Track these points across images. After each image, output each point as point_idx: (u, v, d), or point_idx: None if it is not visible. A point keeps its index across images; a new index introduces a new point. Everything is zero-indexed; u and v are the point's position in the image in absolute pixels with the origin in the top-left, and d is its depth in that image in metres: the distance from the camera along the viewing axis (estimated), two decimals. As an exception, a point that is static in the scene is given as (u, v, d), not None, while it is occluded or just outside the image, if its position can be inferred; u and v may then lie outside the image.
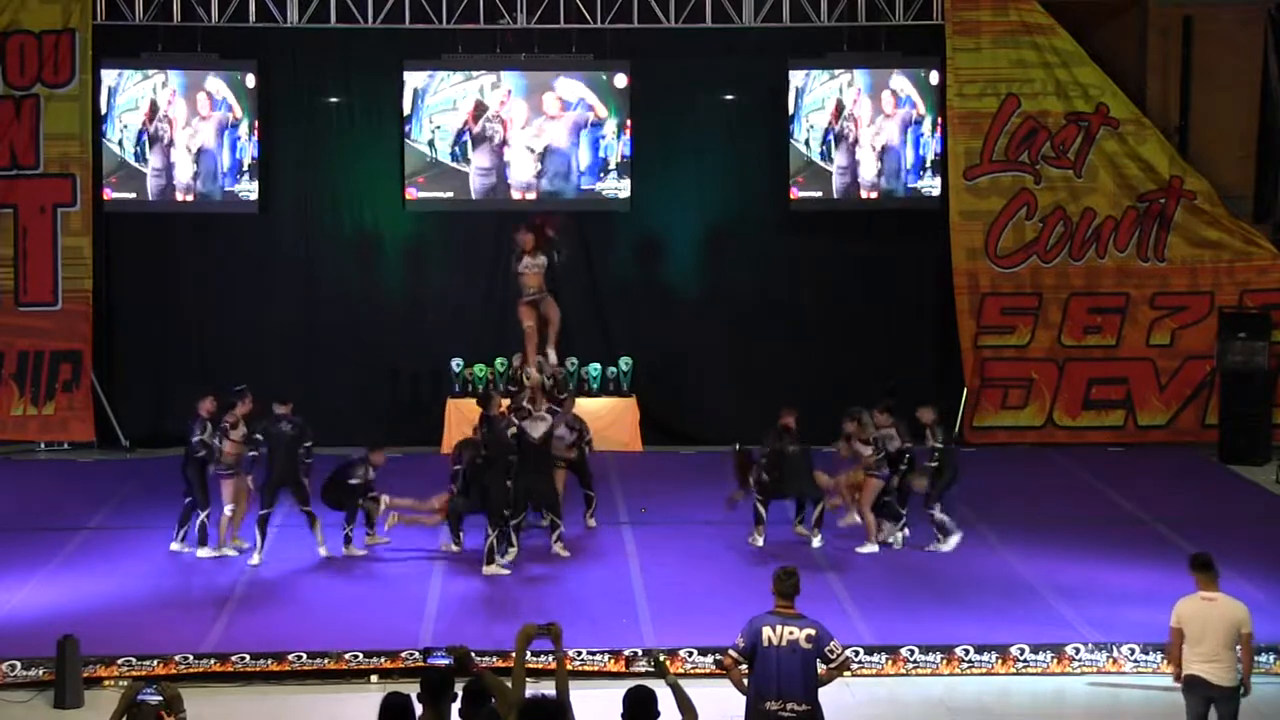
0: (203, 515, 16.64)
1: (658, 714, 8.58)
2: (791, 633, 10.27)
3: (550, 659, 9.66)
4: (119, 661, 13.63)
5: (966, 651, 14.03)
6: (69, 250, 21.53)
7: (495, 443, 16.33)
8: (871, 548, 16.94)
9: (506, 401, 17.40)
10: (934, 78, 21.94)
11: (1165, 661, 13.55)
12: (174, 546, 16.79)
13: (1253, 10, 22.26)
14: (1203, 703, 11.37)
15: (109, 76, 21.35)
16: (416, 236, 22.36)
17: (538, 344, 19.16)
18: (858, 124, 21.90)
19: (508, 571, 16.18)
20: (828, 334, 22.29)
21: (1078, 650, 14.04)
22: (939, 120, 21.97)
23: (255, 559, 16.43)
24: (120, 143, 21.42)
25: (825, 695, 10.46)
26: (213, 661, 13.80)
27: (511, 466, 16.30)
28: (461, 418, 20.27)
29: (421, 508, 17.08)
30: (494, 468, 16.25)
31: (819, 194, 21.98)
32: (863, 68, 21.94)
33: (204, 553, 16.60)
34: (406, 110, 21.53)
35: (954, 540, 16.90)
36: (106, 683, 13.47)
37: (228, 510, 16.74)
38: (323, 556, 16.58)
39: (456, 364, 21.35)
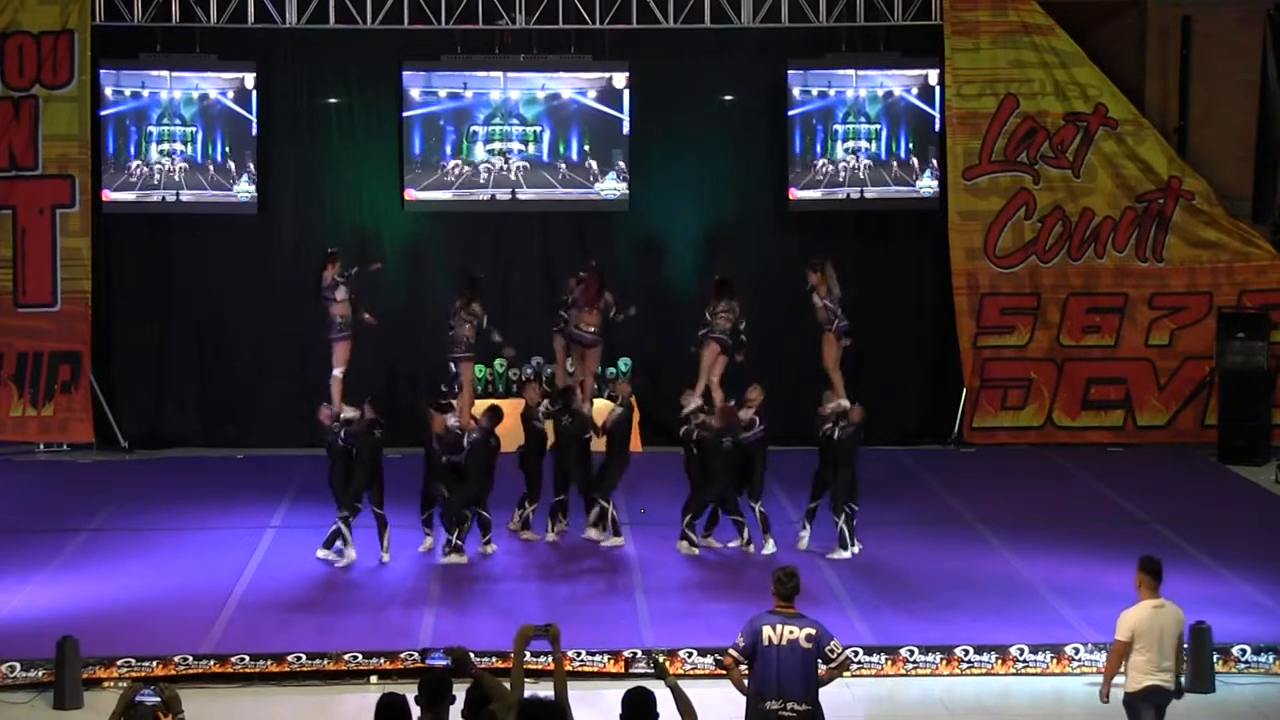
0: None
1: (656, 715, 8.57)
2: (792, 632, 10.28)
3: (549, 660, 9.66)
4: (118, 662, 13.62)
5: (966, 652, 14.03)
6: (68, 251, 21.51)
7: (579, 427, 17.30)
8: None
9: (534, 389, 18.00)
10: (932, 78, 21.95)
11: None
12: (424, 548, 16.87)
13: (1252, 10, 22.25)
14: (1155, 711, 11.23)
15: (109, 78, 21.36)
16: (415, 237, 22.37)
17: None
18: (857, 124, 21.90)
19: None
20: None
21: (1077, 650, 14.04)
22: (938, 120, 21.97)
23: (354, 554, 16.48)
24: (119, 144, 21.43)
25: (825, 695, 10.47)
26: (212, 662, 13.80)
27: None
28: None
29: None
30: (574, 451, 17.27)
31: (818, 194, 22.01)
32: (861, 68, 21.95)
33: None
34: (406, 111, 21.56)
35: (768, 549, 16.80)
36: (106, 684, 13.46)
37: None
38: (384, 562, 16.49)
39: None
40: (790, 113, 21.85)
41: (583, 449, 17.43)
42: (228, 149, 21.55)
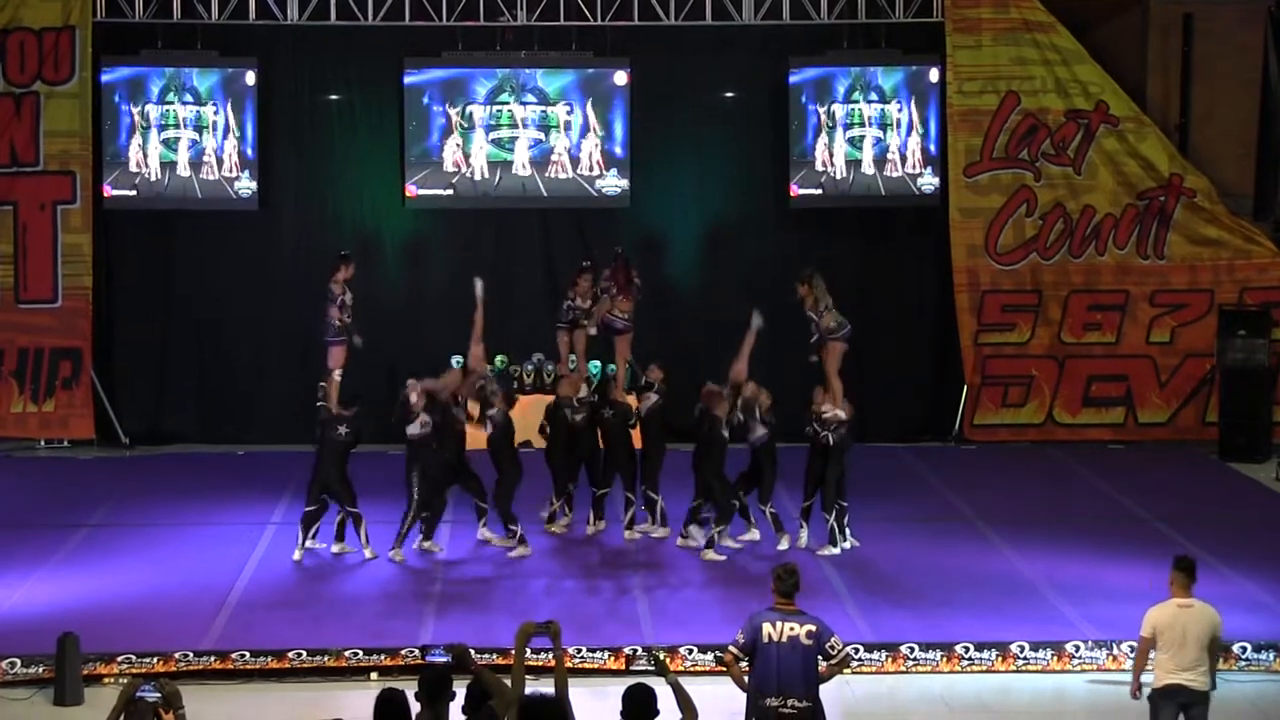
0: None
1: (657, 711, 8.58)
2: (792, 629, 10.28)
3: (549, 656, 9.67)
4: (119, 659, 13.63)
5: (966, 649, 14.03)
6: (69, 247, 21.53)
7: (621, 417, 17.56)
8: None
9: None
10: (934, 75, 21.95)
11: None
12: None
13: (1253, 8, 22.23)
14: (1176, 710, 11.26)
15: (110, 74, 21.36)
16: (416, 234, 22.37)
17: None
18: (858, 122, 21.90)
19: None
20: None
21: (1078, 648, 14.05)
22: (939, 117, 21.97)
23: (297, 554, 16.50)
24: (120, 140, 21.43)
25: (825, 693, 10.47)
26: (212, 659, 13.80)
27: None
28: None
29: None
30: (621, 443, 17.53)
31: (819, 191, 22.00)
32: (863, 65, 21.94)
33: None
34: (406, 107, 21.56)
35: (782, 544, 16.82)
36: (106, 680, 13.47)
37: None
38: (367, 557, 16.49)
39: (456, 361, 21.28)
40: (791, 110, 21.85)
41: (628, 439, 17.53)
42: (229, 146, 21.55)
